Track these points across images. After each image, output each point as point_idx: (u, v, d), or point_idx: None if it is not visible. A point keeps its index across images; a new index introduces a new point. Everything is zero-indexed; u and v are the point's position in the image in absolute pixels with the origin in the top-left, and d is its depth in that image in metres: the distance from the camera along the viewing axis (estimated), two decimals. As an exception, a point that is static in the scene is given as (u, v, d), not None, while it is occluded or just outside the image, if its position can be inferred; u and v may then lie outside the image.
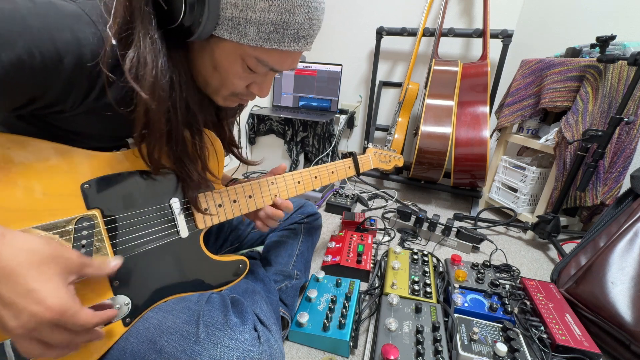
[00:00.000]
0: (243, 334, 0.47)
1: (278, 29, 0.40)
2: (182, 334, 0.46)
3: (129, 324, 0.47)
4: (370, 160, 0.91)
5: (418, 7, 1.73)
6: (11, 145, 0.37)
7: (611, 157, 1.13)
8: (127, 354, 0.45)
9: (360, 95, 2.02)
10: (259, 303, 0.57)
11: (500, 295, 0.78)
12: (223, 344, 0.45)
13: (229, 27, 0.39)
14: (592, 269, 0.78)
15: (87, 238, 0.42)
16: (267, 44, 0.41)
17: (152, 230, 0.49)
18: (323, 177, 0.75)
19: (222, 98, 0.49)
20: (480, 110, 1.39)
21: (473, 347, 0.63)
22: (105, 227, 0.44)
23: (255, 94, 0.50)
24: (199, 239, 0.55)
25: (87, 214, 0.42)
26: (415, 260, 0.92)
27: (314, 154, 1.75)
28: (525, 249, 1.18)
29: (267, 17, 0.38)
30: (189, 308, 0.49)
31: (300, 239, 0.87)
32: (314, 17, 0.41)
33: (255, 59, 0.43)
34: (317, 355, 0.68)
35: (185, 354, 0.44)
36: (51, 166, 0.39)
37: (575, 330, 0.69)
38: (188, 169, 0.49)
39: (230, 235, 0.87)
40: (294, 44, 0.42)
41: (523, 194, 1.33)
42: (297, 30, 0.41)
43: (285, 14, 0.39)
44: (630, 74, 1.02)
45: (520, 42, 1.58)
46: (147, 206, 0.48)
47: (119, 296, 0.45)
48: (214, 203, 0.57)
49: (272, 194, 0.65)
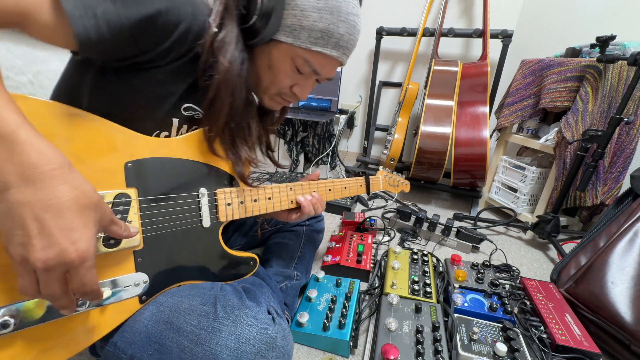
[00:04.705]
0: (260, 314, 0.49)
1: (324, 36, 0.50)
2: (200, 313, 0.47)
3: (144, 301, 0.48)
4: (380, 183, 0.96)
5: (418, 7, 1.73)
6: (70, 118, 0.40)
7: (611, 157, 1.13)
8: (142, 334, 0.46)
9: (360, 95, 2.02)
10: (267, 294, 0.59)
11: (500, 295, 0.78)
12: (242, 320, 0.46)
13: (286, 32, 0.49)
14: (592, 269, 0.78)
15: (122, 213, 0.44)
16: (314, 47, 0.51)
17: (179, 216, 0.51)
18: (336, 191, 0.79)
19: (268, 97, 0.58)
20: (480, 110, 1.39)
21: (473, 347, 0.63)
22: (138, 205, 0.46)
23: (297, 95, 0.58)
24: (219, 230, 0.57)
25: (125, 191, 0.45)
26: (415, 260, 0.92)
27: (314, 154, 1.75)
28: (525, 249, 1.18)
29: (317, 25, 0.49)
30: (204, 293, 0.51)
31: (302, 241, 0.87)
32: (351, 33, 0.52)
33: (303, 59, 0.52)
34: (317, 355, 0.68)
35: (204, 331, 0.45)
36: (102, 142, 0.43)
37: (575, 330, 0.69)
38: (238, 147, 0.56)
39: (233, 236, 0.87)
40: (334, 50, 0.52)
41: (523, 194, 1.33)
42: (338, 40, 0.51)
43: (331, 25, 0.49)
44: (630, 74, 1.02)
45: (520, 42, 1.59)
46: (178, 192, 0.51)
47: (136, 274, 0.47)
48: (237, 199, 0.59)
49: (289, 200, 0.68)
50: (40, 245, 0.30)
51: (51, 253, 0.30)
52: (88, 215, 0.33)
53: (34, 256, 0.30)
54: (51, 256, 0.30)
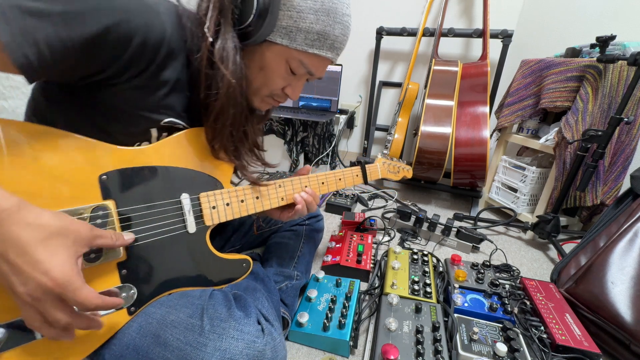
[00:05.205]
0: (247, 326, 0.47)
1: (320, 38, 0.49)
2: (186, 326, 0.46)
3: (133, 313, 0.48)
4: (378, 170, 0.92)
5: (418, 7, 1.73)
6: (38, 136, 0.39)
7: (611, 157, 1.13)
8: (130, 349, 0.45)
9: (360, 95, 2.02)
10: (261, 300, 0.58)
11: (500, 295, 0.78)
12: (228, 334, 0.46)
13: (282, 34, 0.48)
14: (592, 269, 0.78)
15: (101, 226, 0.44)
16: (310, 49, 0.50)
17: (162, 224, 0.50)
18: (330, 183, 0.76)
19: (259, 98, 0.56)
20: (480, 110, 1.39)
21: (473, 347, 0.63)
22: (117, 217, 0.46)
23: (288, 96, 0.57)
24: (206, 235, 0.56)
25: (102, 204, 0.44)
26: (415, 260, 0.92)
27: (314, 154, 1.75)
28: (525, 249, 1.18)
29: (314, 27, 0.48)
30: (192, 303, 0.50)
31: (302, 240, 0.87)
32: (345, 34, 0.52)
33: (299, 61, 0.51)
34: (317, 355, 0.68)
35: (190, 346, 0.44)
36: (74, 157, 0.42)
37: (575, 330, 0.69)
38: (241, 151, 0.58)
39: (232, 236, 0.87)
40: (330, 52, 0.52)
41: (523, 194, 1.33)
42: (333, 42, 0.51)
43: (327, 27, 0.49)
44: (630, 74, 1.02)
45: (520, 42, 1.59)
46: (158, 200, 0.50)
47: (126, 285, 0.46)
48: (223, 202, 0.58)
49: (279, 197, 0.66)
50: (17, 281, 0.32)
51: (30, 286, 0.32)
52: (54, 244, 0.33)
53: (18, 291, 0.32)
54: (32, 288, 0.32)
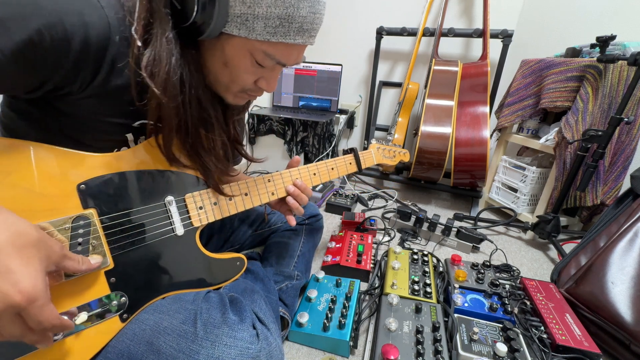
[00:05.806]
0: (241, 332, 0.47)
1: (284, 22, 0.42)
2: (179, 333, 0.46)
3: (126, 320, 0.47)
4: (372, 156, 0.89)
5: (418, 7, 1.73)
6: (9, 150, 0.38)
7: (611, 157, 1.13)
8: (125, 356, 0.45)
9: (360, 95, 2.02)
10: (258, 302, 0.57)
11: (500, 295, 0.78)
12: (221, 342, 0.45)
13: (237, 24, 0.41)
14: (592, 269, 0.78)
15: (84, 236, 0.43)
16: (273, 37, 0.43)
17: (149, 228, 0.49)
18: (322, 174, 0.74)
19: (232, 95, 0.51)
20: (480, 110, 1.39)
21: (473, 347, 0.63)
22: (101, 225, 0.45)
23: (264, 89, 0.52)
24: (195, 236, 0.55)
25: (83, 213, 0.43)
26: (415, 260, 0.92)
27: (314, 154, 1.75)
28: (525, 249, 1.18)
29: (273, 11, 0.40)
30: (185, 308, 0.49)
31: (301, 239, 0.87)
32: (316, 11, 0.43)
33: (263, 53, 0.45)
34: (317, 355, 0.68)
35: (183, 354, 0.44)
36: (49, 168, 0.41)
37: (575, 330, 0.69)
38: (204, 160, 0.53)
39: (232, 236, 0.87)
40: (298, 37, 0.44)
41: (523, 194, 1.33)
42: (301, 24, 0.43)
43: (290, 8, 0.41)
44: (630, 74, 1.02)
45: (520, 42, 1.58)
46: (142, 204, 0.49)
47: (111, 293, 0.46)
48: (210, 201, 0.57)
49: (268, 192, 0.65)
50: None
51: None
52: (29, 254, 0.31)
53: None
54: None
